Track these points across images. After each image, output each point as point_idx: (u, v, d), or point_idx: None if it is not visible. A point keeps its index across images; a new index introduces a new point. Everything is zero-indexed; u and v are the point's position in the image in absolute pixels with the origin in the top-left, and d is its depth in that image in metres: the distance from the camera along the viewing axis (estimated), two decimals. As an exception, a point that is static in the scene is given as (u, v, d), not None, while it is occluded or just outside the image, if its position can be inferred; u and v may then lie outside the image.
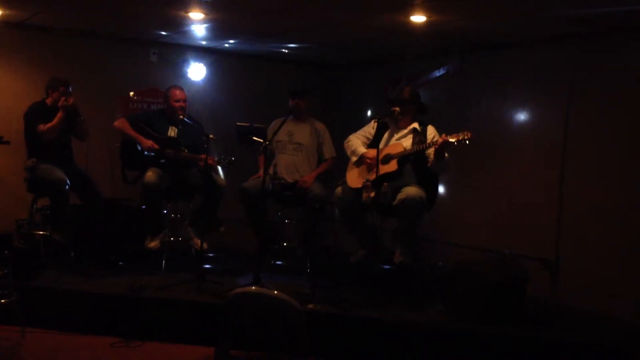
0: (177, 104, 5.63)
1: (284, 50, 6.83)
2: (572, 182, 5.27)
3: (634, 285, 4.75)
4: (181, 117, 5.60)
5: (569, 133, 5.29)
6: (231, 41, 6.57)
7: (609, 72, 5.05)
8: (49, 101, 5.54)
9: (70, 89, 5.53)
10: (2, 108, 5.68)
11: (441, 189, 5.23)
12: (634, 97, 4.86)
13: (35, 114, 5.47)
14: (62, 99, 5.42)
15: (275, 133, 5.60)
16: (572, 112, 5.28)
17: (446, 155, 4.79)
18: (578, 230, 5.19)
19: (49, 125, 5.38)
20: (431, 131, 5.05)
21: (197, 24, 5.78)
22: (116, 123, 5.69)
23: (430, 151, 4.87)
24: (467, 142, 4.56)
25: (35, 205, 5.54)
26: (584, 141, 5.21)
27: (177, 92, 5.69)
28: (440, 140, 4.69)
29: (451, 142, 4.61)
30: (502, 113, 5.86)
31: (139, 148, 5.53)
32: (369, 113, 7.14)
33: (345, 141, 5.41)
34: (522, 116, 5.72)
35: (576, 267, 5.17)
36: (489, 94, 5.98)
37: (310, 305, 4.49)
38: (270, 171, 5.61)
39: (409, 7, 4.75)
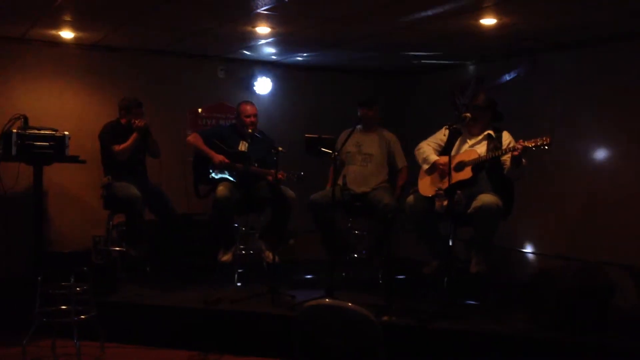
0: (248, 119, 5.68)
1: (349, 60, 6.79)
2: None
3: None
4: (251, 131, 5.65)
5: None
6: (298, 55, 6.58)
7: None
8: (123, 121, 5.69)
9: (142, 109, 5.68)
10: (77, 128, 5.83)
11: (517, 196, 5.05)
12: None
13: (110, 133, 5.63)
14: (135, 121, 5.56)
15: (343, 144, 5.57)
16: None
17: (523, 161, 4.63)
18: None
19: (123, 146, 5.54)
20: (507, 137, 4.89)
21: (264, 39, 5.82)
22: (189, 138, 5.78)
23: (506, 157, 4.71)
24: (546, 147, 4.40)
25: (111, 222, 5.68)
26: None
27: (248, 107, 5.75)
28: (518, 146, 4.54)
29: (530, 147, 4.47)
30: (577, 113, 5.63)
31: (210, 167, 5.58)
32: (437, 119, 6.99)
33: (416, 149, 5.30)
34: (599, 115, 5.49)
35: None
36: (563, 95, 5.76)
37: (386, 317, 4.42)
38: (340, 182, 5.58)
39: (480, 10, 4.64)
